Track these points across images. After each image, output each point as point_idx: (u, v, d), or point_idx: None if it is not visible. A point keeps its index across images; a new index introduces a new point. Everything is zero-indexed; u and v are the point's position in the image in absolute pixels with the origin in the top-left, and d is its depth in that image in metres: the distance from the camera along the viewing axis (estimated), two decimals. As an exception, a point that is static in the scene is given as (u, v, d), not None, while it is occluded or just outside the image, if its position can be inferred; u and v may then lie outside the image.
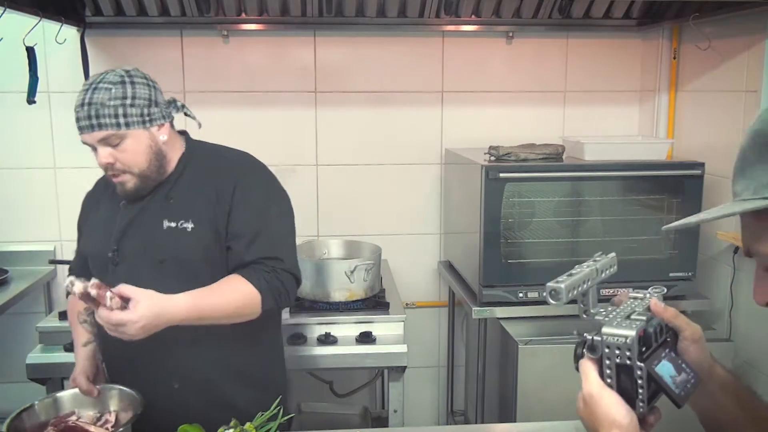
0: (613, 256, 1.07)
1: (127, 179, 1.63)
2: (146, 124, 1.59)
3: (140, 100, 1.58)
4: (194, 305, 1.50)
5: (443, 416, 3.26)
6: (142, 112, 1.58)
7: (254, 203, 1.66)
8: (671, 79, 2.86)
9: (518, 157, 2.46)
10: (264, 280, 1.59)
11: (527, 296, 2.43)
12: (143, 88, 1.59)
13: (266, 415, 1.38)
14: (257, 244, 1.62)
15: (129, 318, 1.39)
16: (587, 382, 0.95)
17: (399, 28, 2.89)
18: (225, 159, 1.74)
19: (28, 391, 2.22)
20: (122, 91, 1.55)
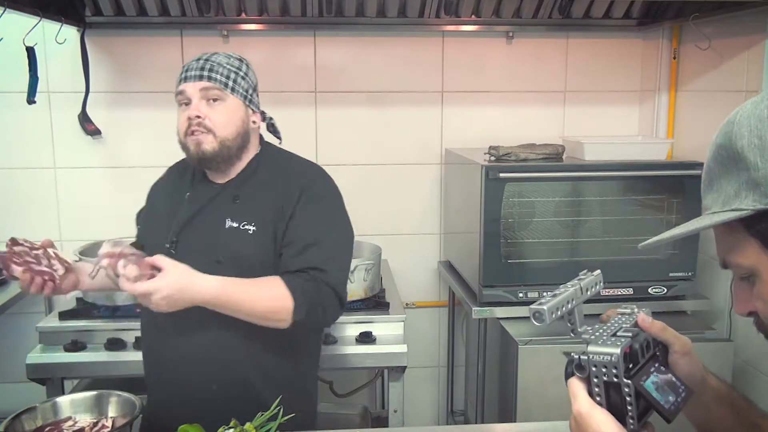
0: (597, 273, 1.08)
1: (208, 141, 1.60)
2: (247, 101, 1.65)
3: (250, 80, 1.67)
4: (223, 290, 1.47)
5: (443, 416, 3.26)
6: (248, 90, 1.66)
7: (314, 214, 1.62)
8: (671, 79, 2.86)
9: (518, 157, 2.46)
10: (301, 287, 1.53)
11: (527, 296, 2.43)
12: (254, 75, 1.69)
13: (266, 415, 1.37)
14: (308, 252, 1.57)
15: (154, 285, 1.39)
16: (576, 402, 0.95)
17: (399, 28, 2.89)
18: (296, 166, 1.72)
19: (28, 391, 2.23)
20: (239, 64, 1.66)
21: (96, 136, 2.85)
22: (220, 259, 1.59)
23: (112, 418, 1.54)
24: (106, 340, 2.24)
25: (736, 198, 0.80)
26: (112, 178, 2.91)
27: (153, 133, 2.89)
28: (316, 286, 1.54)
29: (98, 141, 2.87)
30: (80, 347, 2.22)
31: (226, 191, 1.66)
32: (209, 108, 1.61)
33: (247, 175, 1.67)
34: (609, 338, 0.94)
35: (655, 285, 2.46)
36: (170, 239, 1.64)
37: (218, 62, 1.62)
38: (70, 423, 1.53)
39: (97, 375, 2.32)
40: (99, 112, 2.84)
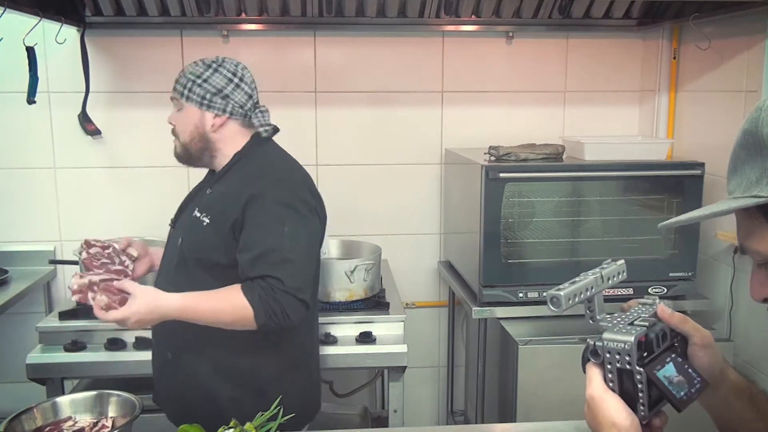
0: (621, 263, 1.10)
1: (176, 143, 1.84)
2: (203, 106, 1.76)
3: (209, 85, 1.76)
4: (186, 307, 1.63)
5: (443, 416, 3.26)
6: (205, 96, 1.76)
7: (267, 220, 1.68)
8: (671, 79, 2.86)
9: (518, 157, 2.46)
10: (258, 296, 1.62)
11: (527, 296, 2.43)
12: (220, 79, 1.76)
13: (266, 415, 1.37)
14: (262, 260, 1.65)
15: (123, 315, 1.60)
16: (590, 386, 0.97)
17: (399, 28, 2.89)
18: (260, 168, 1.77)
19: (28, 391, 2.22)
20: (201, 71, 1.77)
21: (96, 136, 2.85)
22: (179, 242, 1.80)
23: (112, 418, 1.54)
24: (106, 340, 2.24)
25: (757, 184, 0.81)
26: (112, 178, 2.91)
27: (153, 133, 2.89)
28: (273, 293, 1.62)
29: (98, 141, 2.87)
30: (80, 347, 2.22)
31: (207, 183, 1.86)
32: (176, 115, 1.83)
33: (225, 170, 1.81)
34: (625, 326, 0.96)
35: (655, 285, 2.46)
36: (172, 219, 1.91)
37: (185, 72, 1.80)
38: (70, 423, 1.53)
39: (97, 375, 2.32)
40: (99, 112, 2.84)
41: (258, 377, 1.80)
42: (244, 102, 1.78)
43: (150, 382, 2.28)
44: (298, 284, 1.65)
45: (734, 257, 2.44)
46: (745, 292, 2.45)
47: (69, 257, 2.65)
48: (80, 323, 2.29)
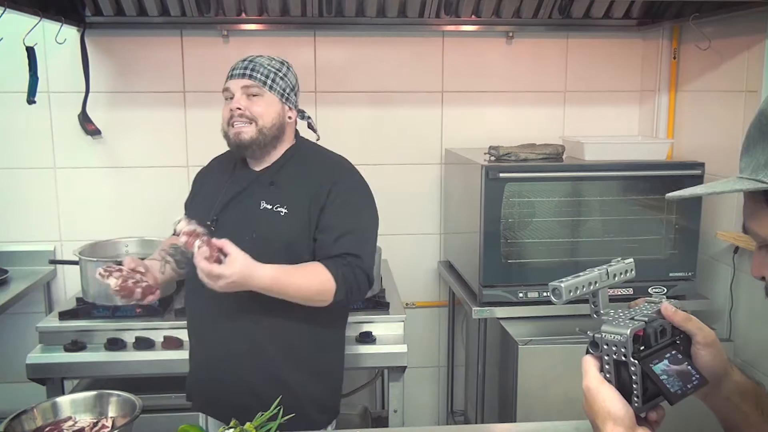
0: (629, 262, 1.12)
1: (247, 130, 1.81)
2: (283, 99, 1.86)
3: (289, 80, 1.88)
4: (277, 278, 1.67)
5: (443, 416, 3.26)
6: (285, 89, 1.86)
7: (348, 203, 1.82)
8: (671, 79, 2.86)
9: (518, 157, 2.46)
10: (341, 272, 1.73)
11: (527, 296, 2.43)
12: (292, 77, 1.90)
13: (266, 415, 1.37)
14: (344, 239, 1.77)
15: (223, 272, 1.58)
16: (586, 377, 1.00)
17: (399, 28, 2.89)
18: (328, 159, 1.92)
19: (28, 391, 2.23)
20: (280, 66, 1.88)
21: (96, 136, 2.85)
22: (253, 236, 1.77)
23: (112, 418, 1.54)
24: (106, 340, 2.24)
25: (764, 168, 0.81)
26: (112, 178, 2.91)
27: (153, 133, 2.89)
28: (353, 270, 1.75)
29: (98, 141, 2.87)
30: (80, 347, 2.22)
31: (263, 177, 1.86)
32: (249, 101, 1.82)
33: (282, 163, 1.86)
34: (625, 320, 0.99)
35: (655, 285, 2.46)
36: (212, 217, 1.83)
37: (260, 63, 1.87)
38: (70, 423, 1.53)
39: (97, 375, 2.32)
40: (99, 112, 2.84)
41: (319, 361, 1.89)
42: (297, 102, 1.94)
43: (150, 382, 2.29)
44: (371, 263, 1.81)
45: (734, 257, 2.44)
46: (746, 293, 2.46)
47: (69, 257, 2.65)
48: (80, 323, 2.29)
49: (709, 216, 2.55)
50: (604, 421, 0.94)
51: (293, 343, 1.82)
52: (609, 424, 0.94)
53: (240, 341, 1.79)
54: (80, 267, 2.41)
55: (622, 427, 0.93)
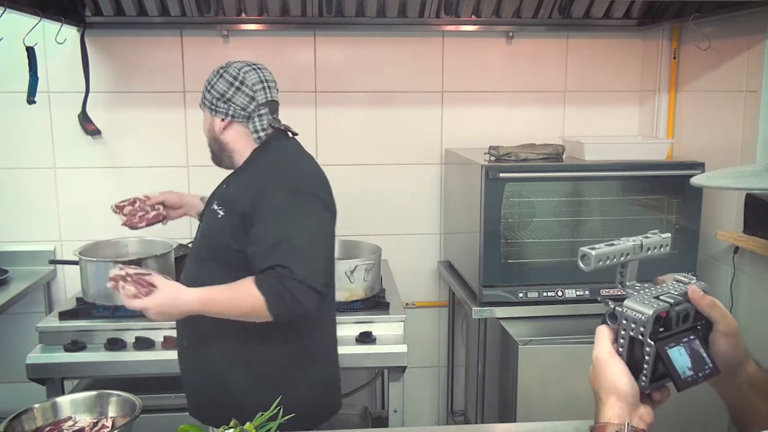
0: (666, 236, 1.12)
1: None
2: (212, 111, 1.86)
3: (215, 91, 1.84)
4: (205, 300, 1.70)
5: (443, 416, 3.26)
6: (213, 101, 1.85)
7: (278, 212, 1.73)
8: (671, 79, 2.86)
9: (518, 157, 2.46)
10: (270, 285, 1.66)
11: (527, 296, 2.43)
12: (223, 84, 1.83)
13: (266, 415, 1.37)
14: (271, 251, 1.69)
15: (146, 305, 1.66)
16: (598, 348, 1.00)
17: (399, 28, 2.89)
18: (274, 162, 1.84)
19: (28, 391, 2.22)
20: (211, 77, 1.86)
21: (96, 136, 2.85)
22: (198, 235, 1.91)
23: (112, 418, 1.54)
24: (106, 340, 2.25)
25: None
26: (112, 178, 2.91)
27: (153, 133, 2.89)
28: (282, 282, 1.66)
29: (98, 141, 2.87)
30: (80, 347, 2.22)
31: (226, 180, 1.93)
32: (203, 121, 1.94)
33: (242, 168, 1.87)
34: (650, 299, 0.98)
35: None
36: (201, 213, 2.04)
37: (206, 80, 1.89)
38: (70, 423, 1.53)
39: (97, 375, 2.32)
40: (99, 112, 2.84)
41: (270, 367, 1.83)
42: (246, 104, 1.82)
43: (150, 382, 2.29)
44: (307, 272, 1.68)
45: (734, 257, 2.44)
46: (746, 293, 2.46)
47: (69, 257, 2.65)
48: (80, 323, 2.29)
49: (709, 216, 2.55)
50: (608, 394, 0.96)
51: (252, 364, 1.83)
52: (612, 397, 0.95)
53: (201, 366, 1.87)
54: (80, 267, 2.41)
55: (624, 403, 0.94)
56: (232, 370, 1.83)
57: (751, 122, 2.38)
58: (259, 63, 1.89)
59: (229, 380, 1.83)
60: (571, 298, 2.45)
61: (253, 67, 1.85)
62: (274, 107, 1.87)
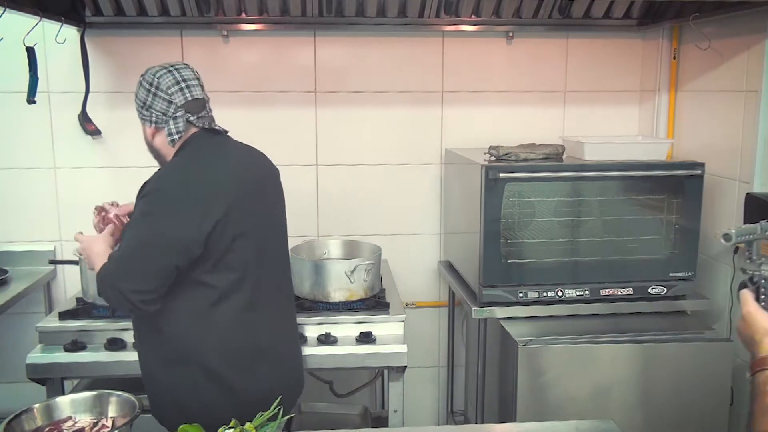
0: None
1: None
2: (141, 119, 1.88)
3: (138, 100, 1.86)
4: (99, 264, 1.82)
5: (443, 416, 3.26)
6: (138, 109, 1.87)
7: (136, 213, 1.78)
8: (671, 79, 2.86)
9: (518, 157, 2.46)
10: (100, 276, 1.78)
11: (527, 296, 2.43)
12: (142, 92, 1.84)
13: (266, 415, 1.37)
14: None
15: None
16: (746, 305, 1.32)
17: (399, 28, 2.89)
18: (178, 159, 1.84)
19: (28, 391, 2.23)
20: (136, 87, 1.87)
21: (96, 136, 2.85)
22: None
23: (112, 418, 1.54)
24: (106, 340, 2.25)
25: None
26: (112, 178, 2.91)
27: (153, 133, 2.89)
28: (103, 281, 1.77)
29: (98, 141, 2.87)
30: (80, 347, 2.22)
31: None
32: None
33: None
34: None
35: (655, 285, 2.46)
36: None
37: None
38: (70, 423, 1.53)
39: (97, 375, 2.32)
40: (99, 112, 2.84)
41: (144, 367, 1.90)
42: (165, 109, 1.82)
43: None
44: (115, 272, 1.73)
45: (734, 257, 2.44)
46: (745, 292, 2.44)
47: (69, 257, 2.65)
48: (80, 323, 2.29)
49: (709, 216, 2.55)
50: (763, 336, 1.26)
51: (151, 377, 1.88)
52: (766, 337, 1.25)
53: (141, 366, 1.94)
54: (80, 267, 2.41)
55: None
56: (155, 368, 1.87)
57: (751, 122, 2.38)
58: (180, 63, 1.87)
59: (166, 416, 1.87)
60: (571, 298, 2.45)
61: (169, 70, 1.82)
62: (195, 106, 1.83)
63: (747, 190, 2.38)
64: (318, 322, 2.31)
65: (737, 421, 2.47)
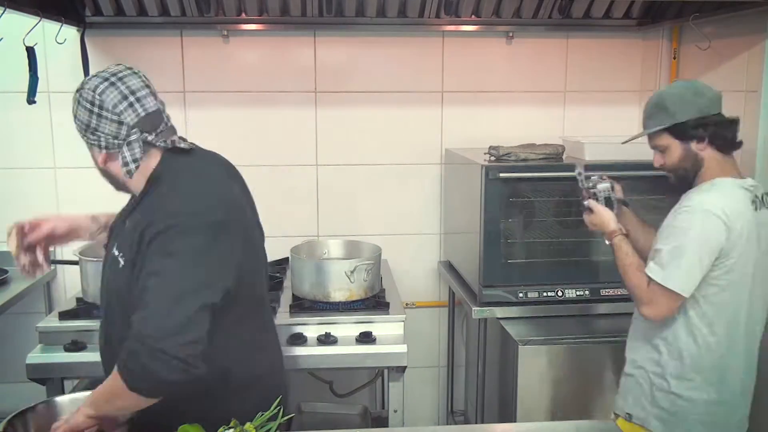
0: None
1: None
2: (87, 143, 1.56)
3: (79, 121, 1.52)
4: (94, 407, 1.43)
5: (443, 416, 3.26)
6: (82, 131, 1.53)
7: (155, 257, 1.40)
8: (671, 79, 2.86)
9: (518, 157, 2.46)
10: (124, 358, 1.36)
11: (527, 296, 2.43)
12: (83, 113, 1.49)
13: (266, 415, 1.37)
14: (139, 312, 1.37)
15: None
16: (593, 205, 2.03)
17: (399, 28, 2.89)
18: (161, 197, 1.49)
19: (28, 391, 2.22)
20: (73, 105, 1.52)
21: (96, 136, 2.85)
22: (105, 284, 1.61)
23: None
24: (106, 340, 2.24)
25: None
26: (112, 178, 2.90)
27: (153, 133, 2.89)
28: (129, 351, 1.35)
29: (98, 141, 2.87)
30: (80, 347, 2.22)
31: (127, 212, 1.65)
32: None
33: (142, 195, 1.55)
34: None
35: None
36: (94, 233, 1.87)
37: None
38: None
39: (97, 375, 2.30)
40: (99, 112, 2.84)
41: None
42: (115, 132, 1.49)
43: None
44: (152, 330, 1.33)
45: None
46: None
47: (69, 257, 2.65)
48: (80, 323, 2.29)
49: (709, 216, 2.55)
50: (608, 220, 2.00)
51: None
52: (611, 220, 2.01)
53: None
54: (80, 267, 2.41)
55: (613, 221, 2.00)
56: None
57: (751, 122, 2.38)
58: (122, 69, 1.52)
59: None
60: (571, 298, 2.45)
61: (111, 82, 1.48)
62: (150, 122, 1.51)
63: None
64: (318, 322, 2.31)
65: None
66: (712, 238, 1.76)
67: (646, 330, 1.92)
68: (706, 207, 1.78)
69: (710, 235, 1.76)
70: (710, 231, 1.76)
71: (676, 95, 1.91)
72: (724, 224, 1.76)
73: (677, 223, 1.82)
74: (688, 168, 1.92)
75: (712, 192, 1.83)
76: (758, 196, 1.87)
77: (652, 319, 1.85)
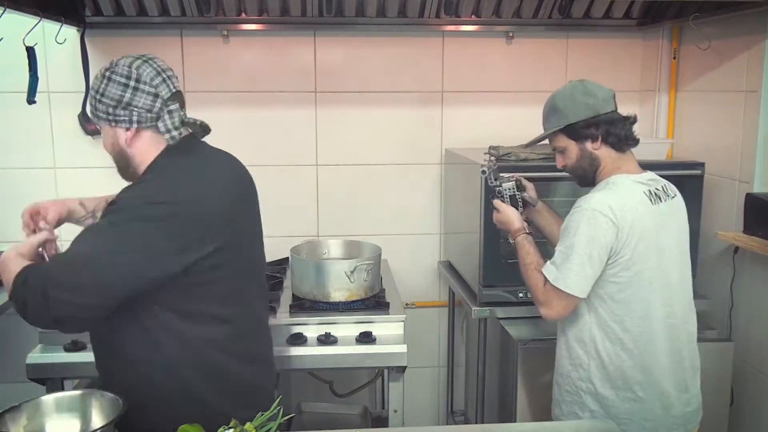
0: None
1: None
2: (111, 123, 1.58)
3: (108, 99, 1.55)
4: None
5: (443, 416, 3.26)
6: (108, 111, 1.56)
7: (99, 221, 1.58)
8: (671, 79, 2.86)
9: (518, 157, 2.46)
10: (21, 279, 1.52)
11: (527, 296, 2.42)
12: (116, 88, 1.55)
13: (266, 415, 1.37)
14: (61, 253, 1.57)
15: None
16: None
17: (399, 28, 2.89)
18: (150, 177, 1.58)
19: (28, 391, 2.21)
20: (98, 84, 1.58)
21: (96, 136, 2.85)
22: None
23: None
24: (106, 340, 2.24)
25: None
26: (112, 178, 2.87)
27: (153, 133, 2.89)
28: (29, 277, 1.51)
29: (98, 141, 2.84)
30: (80, 347, 2.23)
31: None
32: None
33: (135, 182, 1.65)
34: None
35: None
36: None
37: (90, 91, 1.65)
38: None
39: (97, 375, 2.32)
40: (99, 112, 2.84)
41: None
42: (150, 104, 1.56)
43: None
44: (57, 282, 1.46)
45: (734, 257, 2.44)
46: (746, 293, 2.45)
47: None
48: (80, 323, 2.28)
49: (709, 216, 2.55)
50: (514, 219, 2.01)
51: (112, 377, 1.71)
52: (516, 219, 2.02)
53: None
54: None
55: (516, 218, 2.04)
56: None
57: (751, 122, 2.39)
58: (144, 54, 1.65)
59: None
60: (571, 298, 2.44)
61: (145, 60, 1.60)
62: (181, 99, 1.62)
63: (747, 190, 2.38)
64: (318, 322, 2.31)
65: (737, 421, 2.47)
66: (599, 237, 1.75)
67: (563, 334, 1.92)
68: (593, 206, 1.78)
69: (598, 233, 1.75)
70: (597, 229, 1.76)
71: (567, 96, 1.93)
72: (612, 222, 1.75)
73: (569, 223, 1.82)
74: (587, 167, 1.92)
75: (604, 190, 1.84)
76: (658, 188, 1.89)
77: (549, 319, 1.87)
